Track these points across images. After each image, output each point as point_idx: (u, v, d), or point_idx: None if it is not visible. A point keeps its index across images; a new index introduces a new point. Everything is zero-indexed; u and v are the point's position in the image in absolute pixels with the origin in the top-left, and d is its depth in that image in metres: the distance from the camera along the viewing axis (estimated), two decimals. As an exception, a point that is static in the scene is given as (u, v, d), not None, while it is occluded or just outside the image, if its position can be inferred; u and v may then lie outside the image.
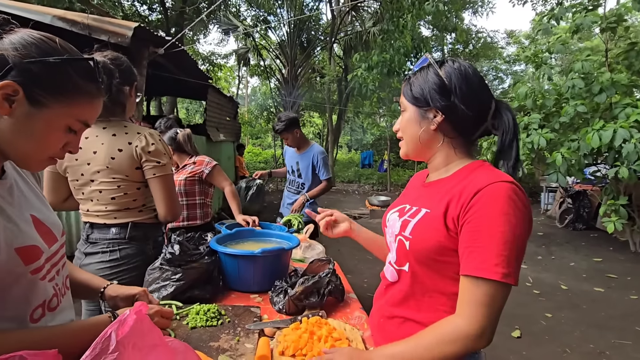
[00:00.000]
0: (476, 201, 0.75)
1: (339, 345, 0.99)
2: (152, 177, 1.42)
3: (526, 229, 0.74)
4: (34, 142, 0.64)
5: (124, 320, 0.57)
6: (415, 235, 0.84)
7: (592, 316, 3.32)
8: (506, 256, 0.70)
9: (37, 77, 0.61)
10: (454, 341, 0.72)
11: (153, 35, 3.77)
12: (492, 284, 0.71)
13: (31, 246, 0.67)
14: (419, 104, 0.86)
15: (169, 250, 1.31)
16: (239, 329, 1.07)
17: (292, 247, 1.55)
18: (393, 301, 0.92)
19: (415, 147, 0.91)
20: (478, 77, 0.85)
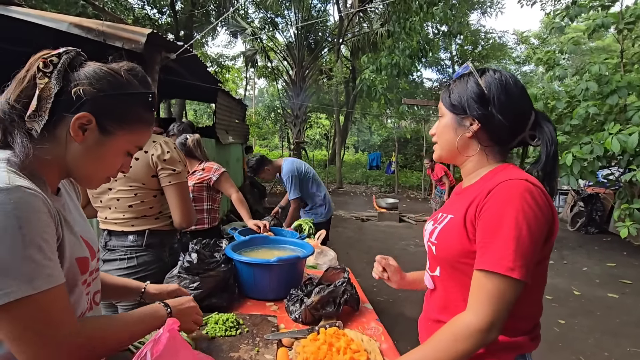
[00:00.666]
0: (489, 199, 0.77)
1: (357, 357, 0.99)
2: (167, 185, 1.45)
3: (539, 227, 0.74)
4: (99, 164, 0.72)
5: (158, 339, 0.59)
6: (440, 240, 0.87)
7: (607, 323, 3.27)
8: (513, 250, 0.71)
9: (107, 108, 0.69)
10: (466, 338, 0.73)
11: (165, 40, 3.81)
12: (498, 277, 0.72)
13: (85, 258, 0.73)
14: (457, 111, 0.88)
15: (186, 258, 1.33)
16: (257, 339, 1.08)
17: (307, 255, 1.55)
18: (435, 306, 0.94)
19: (449, 152, 0.92)
20: (519, 87, 0.86)
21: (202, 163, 2.40)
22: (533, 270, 0.74)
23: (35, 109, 0.63)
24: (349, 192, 12.40)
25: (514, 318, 0.78)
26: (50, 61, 0.66)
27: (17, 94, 0.65)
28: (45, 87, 0.64)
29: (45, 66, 0.65)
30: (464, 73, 0.89)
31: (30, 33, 3.34)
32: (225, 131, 6.97)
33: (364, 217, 7.79)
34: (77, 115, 0.65)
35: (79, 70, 0.68)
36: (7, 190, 0.56)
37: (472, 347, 0.73)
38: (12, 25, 3.25)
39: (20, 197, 0.56)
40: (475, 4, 15.22)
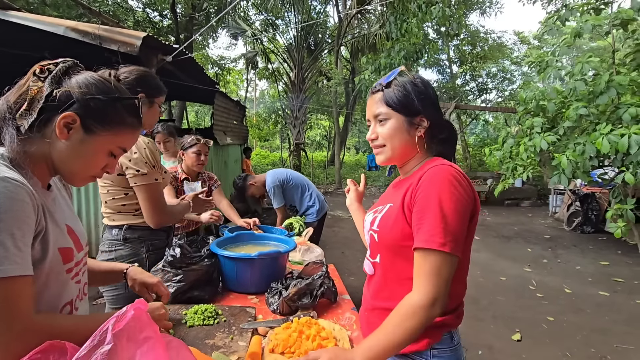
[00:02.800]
0: (420, 184, 0.86)
1: (325, 344, 1.05)
2: (134, 185, 1.46)
3: (465, 206, 0.83)
4: (82, 162, 0.78)
5: (122, 315, 0.64)
6: (381, 227, 0.94)
7: (596, 320, 3.30)
8: (443, 228, 0.79)
9: (92, 110, 0.75)
10: (412, 315, 0.80)
11: (161, 43, 3.89)
12: (433, 254, 0.80)
13: (69, 248, 0.79)
14: (407, 112, 0.92)
15: (170, 253, 1.39)
16: (233, 328, 1.14)
17: (289, 250, 1.61)
18: (372, 293, 1.01)
19: (402, 153, 0.97)
20: (433, 88, 0.98)
21: (205, 172, 2.57)
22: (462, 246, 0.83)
23: (25, 108, 0.71)
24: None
25: None
26: (47, 68, 0.74)
27: (16, 97, 0.73)
28: (38, 90, 0.72)
29: (41, 72, 0.74)
30: (396, 76, 0.95)
31: (28, 37, 3.42)
32: (223, 132, 7.04)
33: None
34: (63, 114, 0.72)
35: (72, 78, 0.75)
36: None
37: (418, 323, 0.80)
38: (10, 29, 3.33)
39: (5, 187, 0.63)
40: (474, 4, 15.25)
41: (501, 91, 16.78)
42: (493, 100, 17.34)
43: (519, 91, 5.28)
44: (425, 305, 0.79)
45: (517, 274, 4.52)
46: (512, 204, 9.70)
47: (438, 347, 0.92)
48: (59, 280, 0.77)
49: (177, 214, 1.66)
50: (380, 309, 0.96)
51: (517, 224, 7.49)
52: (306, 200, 3.30)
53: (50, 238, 0.73)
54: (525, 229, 7.00)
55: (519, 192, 9.94)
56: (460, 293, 0.96)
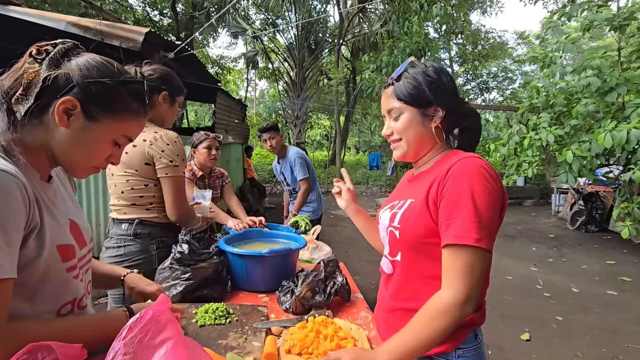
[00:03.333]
0: (448, 177, 0.81)
1: (344, 344, 1.00)
2: (164, 177, 1.46)
3: (497, 199, 0.79)
4: (84, 151, 0.72)
5: (136, 322, 0.60)
6: (403, 223, 0.89)
7: (605, 320, 3.26)
8: (477, 222, 0.75)
9: (94, 95, 0.69)
10: (442, 314, 0.75)
11: (163, 40, 3.84)
12: (469, 250, 0.75)
13: (69, 245, 0.73)
14: (419, 103, 0.89)
15: (178, 249, 1.34)
16: (246, 328, 1.09)
17: (299, 247, 1.56)
18: (392, 293, 0.95)
19: (419, 147, 0.93)
20: (450, 75, 0.93)
21: (216, 169, 2.53)
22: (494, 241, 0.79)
23: (21, 92, 0.65)
24: (349, 192, 12.39)
25: None
26: (44, 49, 0.68)
27: (11, 82, 0.66)
28: (34, 72, 0.65)
29: (38, 53, 0.67)
30: (406, 68, 0.92)
31: (29, 33, 3.37)
32: (225, 131, 6.99)
33: (363, 217, 7.79)
34: (62, 99, 0.66)
35: (72, 60, 0.69)
36: None
37: (449, 323, 0.75)
38: (11, 24, 3.28)
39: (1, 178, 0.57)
40: (475, 3, 15.23)
41: (502, 90, 16.77)
42: (494, 99, 17.33)
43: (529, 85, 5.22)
44: (457, 304, 0.75)
45: (523, 273, 4.48)
46: (515, 203, 9.66)
47: (463, 347, 0.88)
48: (57, 279, 0.71)
49: (194, 216, 1.66)
50: (402, 310, 0.92)
51: (520, 223, 7.45)
52: (312, 194, 3.26)
53: (47, 234, 0.67)
54: (529, 228, 6.96)
55: (522, 191, 9.91)
56: (484, 290, 0.92)
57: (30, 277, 0.65)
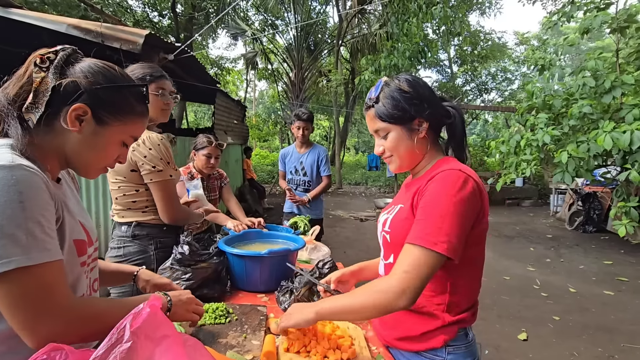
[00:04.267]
0: (427, 186, 0.87)
1: (342, 342, 1.02)
2: (150, 182, 1.46)
3: (465, 207, 0.83)
4: (96, 154, 0.76)
5: (139, 312, 0.62)
6: (392, 228, 0.95)
7: (602, 319, 3.29)
8: (438, 227, 0.80)
9: (102, 100, 0.73)
10: (377, 292, 0.82)
11: (163, 42, 3.86)
12: (421, 250, 0.81)
13: (83, 240, 0.77)
14: (402, 120, 0.93)
15: (178, 250, 1.36)
16: (246, 327, 1.12)
17: (298, 248, 1.59)
18: None
19: (411, 160, 0.98)
20: (424, 81, 0.97)
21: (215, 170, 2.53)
22: (465, 249, 0.83)
23: (32, 101, 0.68)
24: (348, 192, 12.42)
25: (458, 295, 0.91)
26: (47, 57, 0.71)
27: (17, 89, 0.69)
28: (42, 81, 0.68)
29: (42, 62, 0.70)
30: (381, 88, 0.95)
31: (30, 35, 3.39)
32: (224, 132, 7.02)
33: (362, 217, 7.81)
34: (73, 106, 0.69)
35: (75, 66, 0.72)
36: (10, 167, 0.60)
37: (377, 302, 0.81)
38: (12, 27, 3.30)
39: (22, 175, 0.61)
40: (474, 4, 15.27)
41: (501, 91, 16.81)
42: (493, 100, 17.37)
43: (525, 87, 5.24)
44: (394, 291, 0.80)
45: (520, 274, 4.51)
46: (513, 203, 9.70)
47: (453, 344, 0.93)
48: (74, 272, 0.75)
49: (192, 215, 1.66)
50: None
51: (518, 223, 7.48)
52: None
53: (67, 228, 0.71)
54: (527, 229, 6.99)
55: (520, 191, 9.94)
56: (476, 291, 0.98)
57: None
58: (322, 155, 3.09)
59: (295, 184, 3.17)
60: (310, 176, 3.11)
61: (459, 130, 1.00)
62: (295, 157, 3.16)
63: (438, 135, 1.00)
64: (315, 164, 3.08)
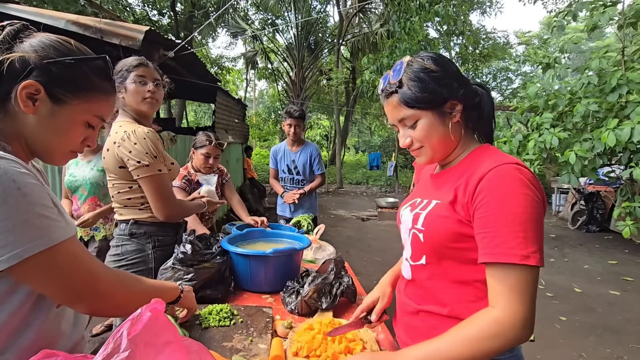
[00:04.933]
0: (483, 187, 0.74)
1: (353, 346, 0.97)
2: (137, 178, 1.37)
3: (539, 207, 0.71)
4: (58, 137, 0.69)
5: (138, 318, 0.57)
6: (428, 225, 0.83)
7: (608, 320, 3.24)
8: (523, 237, 0.68)
9: (56, 76, 0.65)
10: (495, 335, 0.68)
11: (163, 38, 3.81)
12: (516, 268, 0.68)
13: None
14: (435, 104, 0.80)
15: (180, 249, 1.31)
16: (251, 329, 1.07)
17: (304, 247, 1.54)
18: (415, 297, 0.90)
19: (445, 148, 0.86)
20: (449, 59, 0.86)
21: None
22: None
23: None
24: (349, 192, 12.38)
25: None
26: None
27: None
28: None
29: None
30: (401, 69, 0.82)
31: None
32: (224, 130, 6.97)
33: (364, 217, 7.76)
34: (22, 83, 0.62)
35: (24, 42, 0.66)
36: None
37: (501, 345, 0.68)
38: (10, 22, 3.25)
39: (7, 163, 0.57)
40: (475, 4, 15.22)
41: (502, 90, 16.77)
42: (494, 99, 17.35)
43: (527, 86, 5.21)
44: (515, 325, 0.67)
45: (525, 273, 4.46)
46: (515, 203, 9.64)
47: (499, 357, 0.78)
48: None
49: (190, 208, 1.58)
50: (426, 313, 0.87)
51: (521, 223, 7.43)
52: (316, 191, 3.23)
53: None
54: (530, 228, 6.94)
55: (522, 191, 9.88)
56: None
57: None
58: (314, 154, 3.05)
59: (289, 183, 3.13)
60: (303, 175, 3.07)
61: (487, 111, 0.88)
62: (288, 155, 3.10)
63: (471, 119, 0.88)
64: (308, 162, 3.04)
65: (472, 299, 0.80)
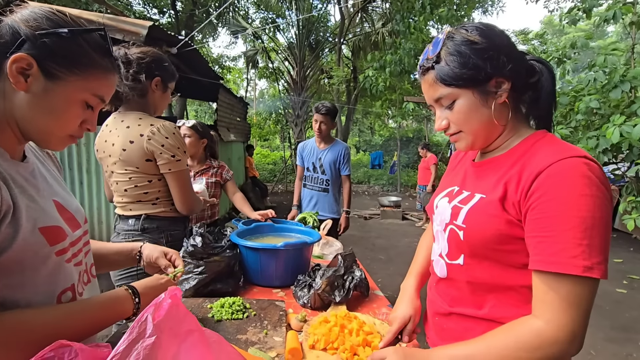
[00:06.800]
0: (541, 183, 0.64)
1: (371, 339, 0.95)
2: (167, 172, 1.39)
3: (608, 211, 0.62)
4: (53, 117, 0.63)
5: (160, 304, 0.54)
6: (470, 223, 0.74)
7: (616, 318, 3.22)
8: (587, 245, 0.60)
9: (50, 49, 0.60)
10: (536, 348, 0.62)
11: (166, 34, 3.79)
12: (573, 280, 0.61)
13: (55, 227, 0.65)
14: (476, 82, 0.70)
15: (191, 242, 1.29)
16: (265, 322, 1.04)
17: (315, 241, 1.51)
18: (449, 297, 0.83)
19: (487, 134, 0.75)
20: (500, 29, 0.74)
21: (215, 161, 2.43)
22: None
23: None
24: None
25: None
26: None
27: None
28: None
29: None
30: (440, 43, 0.73)
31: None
32: (226, 129, 6.94)
33: (367, 215, 7.74)
34: (12, 57, 0.57)
35: (15, 12, 0.61)
36: None
37: (541, 359, 0.62)
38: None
39: None
40: (477, 3, 15.19)
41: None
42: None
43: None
44: (561, 341, 0.61)
45: (530, 271, 4.44)
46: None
47: None
48: (48, 264, 0.64)
49: (201, 203, 1.60)
50: (460, 315, 0.81)
51: (524, 221, 7.40)
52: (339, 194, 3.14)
53: (23, 217, 0.60)
54: (533, 227, 6.92)
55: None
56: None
57: (13, 264, 0.58)
58: (343, 153, 2.90)
59: (312, 182, 3.00)
60: (328, 175, 2.92)
61: (546, 92, 0.74)
62: (314, 152, 2.96)
63: (521, 100, 0.77)
64: (336, 162, 2.90)
65: (517, 304, 0.72)
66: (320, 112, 2.80)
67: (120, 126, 1.38)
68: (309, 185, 3.03)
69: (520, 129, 0.77)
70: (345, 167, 2.93)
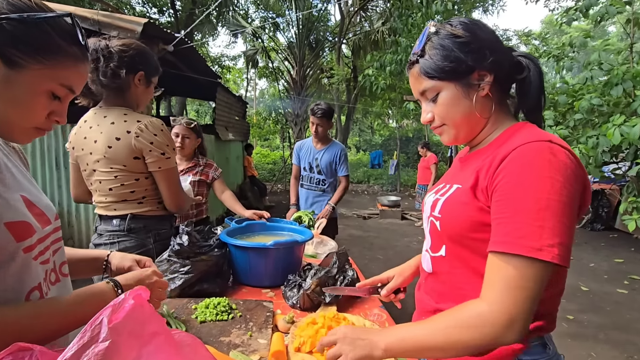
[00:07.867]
0: (504, 166, 0.64)
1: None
2: (157, 170, 1.34)
3: (570, 197, 0.60)
4: (16, 108, 0.59)
5: (119, 305, 0.50)
6: (445, 213, 0.74)
7: (617, 319, 3.17)
8: (538, 226, 0.58)
9: (11, 35, 0.56)
10: (474, 327, 0.61)
11: (162, 31, 3.75)
12: (521, 260, 0.59)
13: (22, 222, 0.62)
14: (457, 75, 0.71)
15: (177, 241, 1.25)
16: (251, 324, 1.00)
17: (306, 239, 1.47)
18: (435, 294, 0.81)
19: (469, 127, 0.76)
20: (485, 24, 0.74)
21: (203, 158, 2.36)
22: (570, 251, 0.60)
23: None
24: (350, 190, 12.31)
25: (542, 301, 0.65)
26: None
27: None
28: None
29: None
30: (428, 36, 0.75)
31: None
32: (225, 128, 6.91)
33: (365, 215, 7.70)
34: None
35: None
36: None
37: (480, 339, 0.61)
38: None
39: None
40: (477, 1, 15.15)
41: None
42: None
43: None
44: (498, 324, 0.59)
45: (529, 272, 4.39)
46: (518, 201, 9.57)
47: (526, 357, 0.71)
48: (16, 261, 0.61)
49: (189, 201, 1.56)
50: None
51: (524, 221, 7.36)
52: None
53: None
54: (533, 227, 6.88)
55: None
56: (559, 293, 0.76)
57: None
58: (340, 154, 2.88)
59: (309, 182, 2.98)
60: (325, 175, 2.90)
61: (534, 87, 0.74)
62: (311, 152, 2.94)
63: (506, 94, 0.77)
64: (332, 162, 2.88)
65: None
66: (316, 115, 2.78)
67: (103, 122, 1.33)
68: (306, 185, 3.01)
69: (504, 122, 0.77)
70: (342, 168, 2.91)
